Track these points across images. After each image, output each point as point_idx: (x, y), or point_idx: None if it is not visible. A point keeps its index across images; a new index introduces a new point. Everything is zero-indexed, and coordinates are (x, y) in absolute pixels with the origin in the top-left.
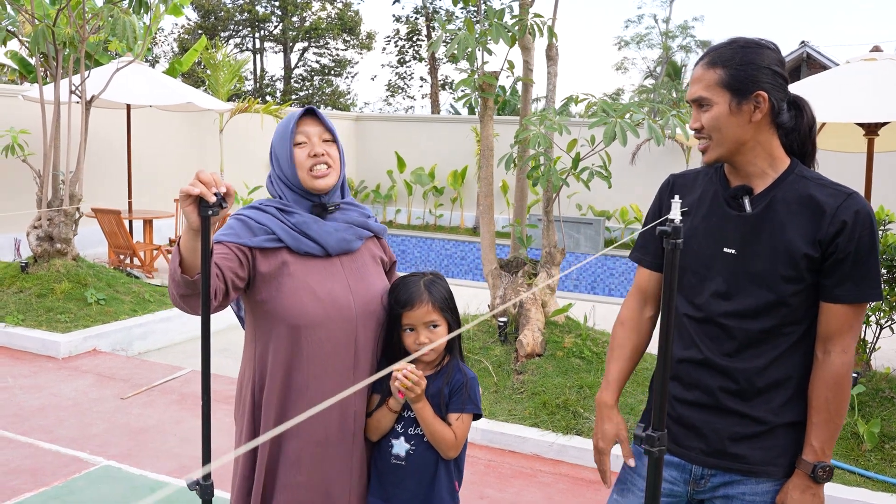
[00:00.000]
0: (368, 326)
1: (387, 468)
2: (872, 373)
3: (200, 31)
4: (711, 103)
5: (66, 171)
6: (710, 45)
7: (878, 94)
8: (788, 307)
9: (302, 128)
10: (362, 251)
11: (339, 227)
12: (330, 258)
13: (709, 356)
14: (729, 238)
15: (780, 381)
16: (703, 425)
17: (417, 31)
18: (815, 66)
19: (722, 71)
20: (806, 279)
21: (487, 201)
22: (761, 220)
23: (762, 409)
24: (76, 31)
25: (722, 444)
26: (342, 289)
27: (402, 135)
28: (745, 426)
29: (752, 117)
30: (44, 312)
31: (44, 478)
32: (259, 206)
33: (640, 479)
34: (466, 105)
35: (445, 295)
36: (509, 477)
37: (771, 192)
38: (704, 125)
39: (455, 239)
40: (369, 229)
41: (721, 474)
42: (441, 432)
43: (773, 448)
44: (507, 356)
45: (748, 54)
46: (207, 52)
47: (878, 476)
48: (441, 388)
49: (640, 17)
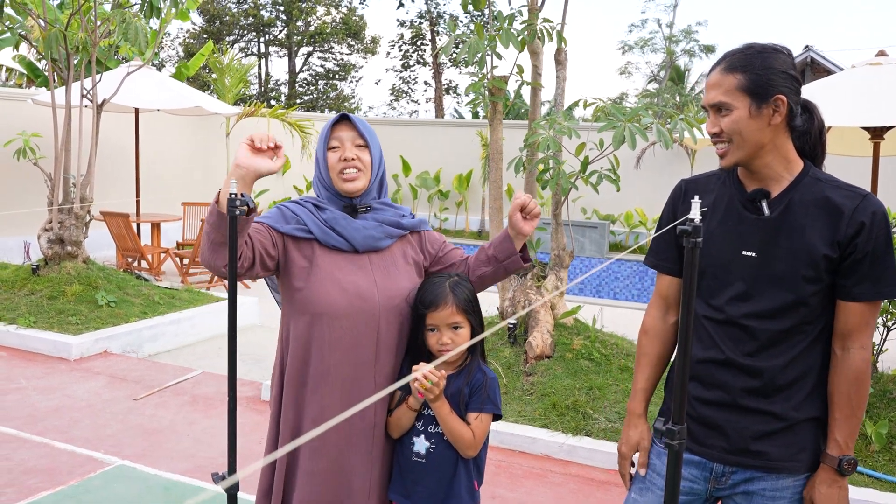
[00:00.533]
0: (391, 322)
1: (408, 465)
2: (880, 374)
3: (206, 35)
4: (731, 108)
5: (77, 174)
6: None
7: (884, 98)
8: (808, 307)
9: (336, 133)
10: (393, 250)
11: (367, 225)
12: (358, 254)
13: (731, 356)
14: (748, 241)
15: (800, 377)
16: (725, 424)
17: (422, 35)
18: (819, 70)
19: (741, 76)
20: (824, 279)
21: (496, 204)
22: (780, 223)
23: (783, 406)
24: (88, 35)
25: (744, 441)
26: (368, 283)
27: (408, 139)
28: (766, 423)
29: (772, 120)
30: (55, 314)
31: (60, 477)
32: (299, 201)
33: (659, 477)
34: (473, 110)
35: (469, 297)
36: (520, 477)
37: (788, 195)
38: (724, 129)
39: (460, 243)
40: (402, 227)
41: (742, 471)
42: (459, 431)
43: (794, 444)
44: (516, 358)
45: (766, 59)
46: (214, 57)
47: (886, 476)
48: (461, 387)
49: (643, 22)
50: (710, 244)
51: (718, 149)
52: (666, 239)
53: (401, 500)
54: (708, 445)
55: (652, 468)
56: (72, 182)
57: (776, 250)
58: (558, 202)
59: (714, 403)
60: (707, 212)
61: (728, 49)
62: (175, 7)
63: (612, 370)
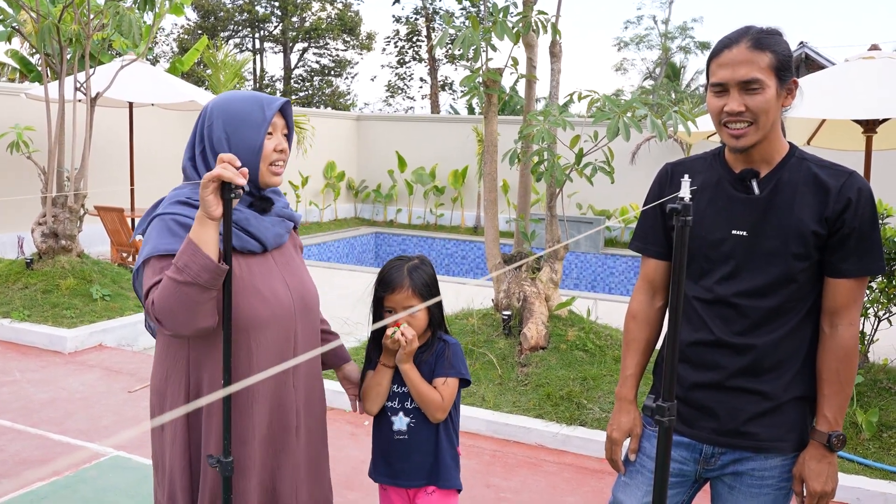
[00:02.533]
0: (306, 321)
1: (390, 445)
2: (870, 364)
3: (200, 31)
4: (764, 86)
5: (71, 167)
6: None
7: (877, 91)
8: (797, 283)
9: (273, 119)
10: (287, 244)
11: (273, 221)
12: (265, 254)
13: (721, 336)
14: (738, 220)
15: (789, 356)
16: (716, 405)
17: (417, 31)
18: (814, 66)
19: (771, 55)
20: (813, 256)
21: (491, 197)
22: (770, 202)
23: (773, 386)
24: (81, 28)
25: (735, 423)
26: (281, 285)
27: (403, 135)
28: (756, 404)
29: (785, 102)
30: (49, 308)
31: (55, 468)
32: (188, 202)
33: (648, 460)
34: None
35: (427, 280)
36: (514, 466)
37: (776, 174)
38: (752, 108)
39: (456, 238)
40: (293, 219)
41: (731, 452)
42: (428, 394)
43: (783, 424)
44: (511, 349)
45: (783, 42)
46: (209, 52)
47: (876, 464)
48: (426, 359)
49: (639, 19)
50: (699, 225)
51: (736, 129)
52: (652, 223)
53: (388, 481)
54: (698, 427)
55: (642, 451)
56: (65, 176)
57: (767, 228)
58: (553, 194)
59: (704, 386)
60: (696, 193)
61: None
62: (169, 1)
63: (605, 361)
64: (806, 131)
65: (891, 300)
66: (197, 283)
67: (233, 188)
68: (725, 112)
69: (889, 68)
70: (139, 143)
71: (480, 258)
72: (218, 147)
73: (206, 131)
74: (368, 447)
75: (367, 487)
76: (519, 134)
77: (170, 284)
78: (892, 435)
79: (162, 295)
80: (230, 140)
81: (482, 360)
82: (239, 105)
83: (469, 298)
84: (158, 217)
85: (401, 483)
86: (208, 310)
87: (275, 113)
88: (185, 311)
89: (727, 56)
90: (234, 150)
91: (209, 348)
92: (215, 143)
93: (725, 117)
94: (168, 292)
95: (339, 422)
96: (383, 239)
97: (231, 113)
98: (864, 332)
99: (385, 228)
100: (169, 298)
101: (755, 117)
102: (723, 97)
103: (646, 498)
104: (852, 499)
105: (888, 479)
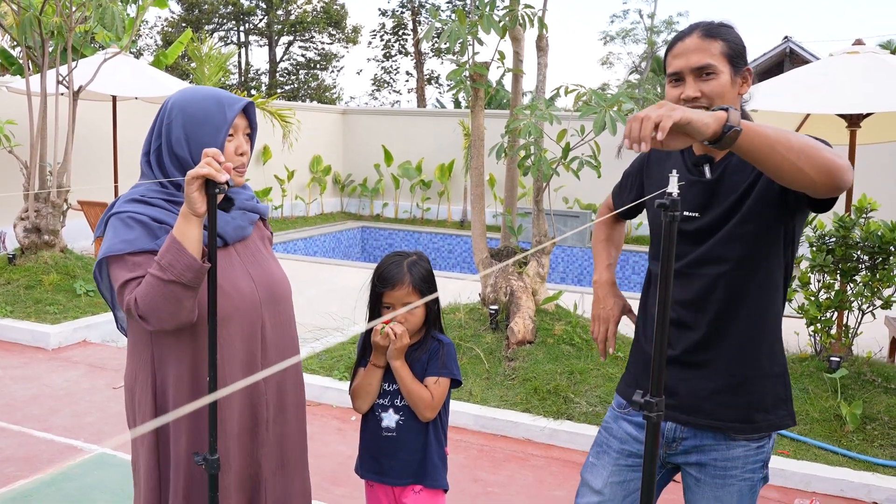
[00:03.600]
0: (274, 312)
1: (378, 442)
2: (854, 357)
3: (184, 24)
4: (718, 71)
5: (54, 162)
6: None
7: (861, 86)
8: (749, 258)
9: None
10: (253, 236)
11: (234, 214)
12: (227, 248)
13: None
14: (692, 202)
15: (745, 331)
16: (676, 383)
17: (403, 25)
18: (798, 60)
19: (723, 43)
20: (761, 232)
21: (478, 191)
22: (719, 184)
23: (728, 361)
24: (63, 21)
25: (695, 399)
26: (244, 278)
27: (390, 128)
28: (713, 379)
29: (740, 90)
30: (32, 304)
31: (39, 465)
32: (144, 200)
33: (615, 441)
34: (454, 99)
35: (425, 276)
36: (502, 461)
37: (727, 159)
38: (707, 93)
39: (442, 232)
40: (258, 211)
41: (693, 436)
42: (418, 392)
43: (746, 404)
44: (498, 343)
45: (734, 33)
46: (193, 45)
47: (859, 456)
48: (419, 356)
49: (625, 13)
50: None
51: None
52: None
53: (375, 478)
54: None
55: (608, 432)
56: (48, 170)
57: (716, 209)
58: (539, 188)
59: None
60: (662, 179)
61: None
62: None
63: (592, 355)
64: (790, 125)
65: (874, 294)
66: (181, 281)
67: (216, 183)
68: (682, 99)
69: (873, 63)
70: (123, 137)
71: (467, 252)
72: (177, 147)
73: (164, 129)
74: (356, 442)
75: (354, 483)
76: (506, 128)
77: (154, 282)
78: (875, 427)
79: (146, 292)
80: (189, 141)
81: (469, 355)
82: (199, 105)
83: (456, 293)
84: (114, 216)
85: (387, 481)
86: (190, 306)
87: (236, 115)
88: (169, 308)
89: (680, 47)
90: (194, 151)
91: (172, 346)
92: (174, 142)
93: (683, 104)
94: (152, 290)
95: (326, 417)
96: (370, 233)
97: (190, 113)
98: (849, 326)
99: (371, 223)
100: (153, 296)
101: (711, 102)
102: (679, 86)
103: (611, 478)
104: (836, 490)
105: (872, 471)
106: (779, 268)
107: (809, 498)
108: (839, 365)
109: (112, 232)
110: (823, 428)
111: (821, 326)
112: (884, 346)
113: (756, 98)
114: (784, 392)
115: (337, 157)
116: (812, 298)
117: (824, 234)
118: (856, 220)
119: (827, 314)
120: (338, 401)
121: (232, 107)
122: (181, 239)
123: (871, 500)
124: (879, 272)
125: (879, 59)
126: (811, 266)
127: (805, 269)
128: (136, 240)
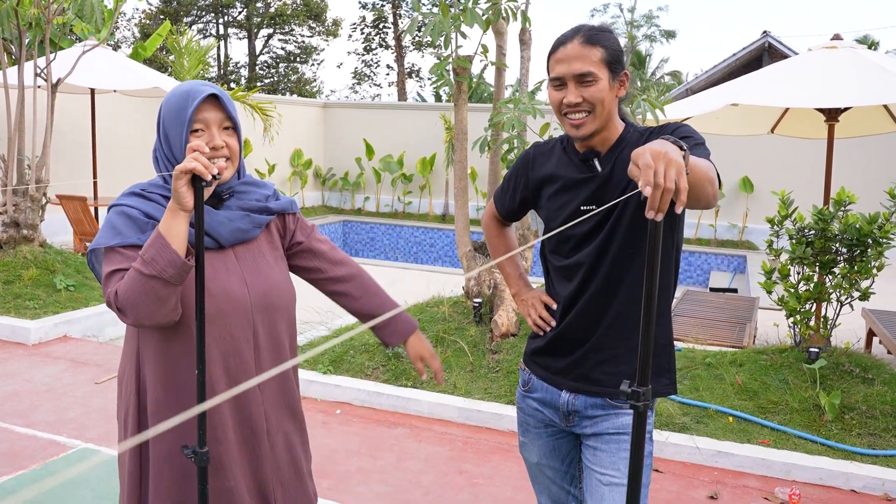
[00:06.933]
0: (268, 321)
1: None
2: (833, 348)
3: (162, 16)
4: (597, 78)
5: (32, 155)
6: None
7: (839, 81)
8: (632, 243)
9: (201, 114)
10: (260, 239)
11: (232, 216)
12: (224, 250)
13: (571, 290)
14: (586, 197)
15: (623, 308)
16: (566, 355)
17: (384, 18)
18: (777, 55)
19: (602, 50)
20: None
21: (461, 185)
22: (610, 177)
23: (606, 335)
24: (41, 12)
25: (582, 369)
26: (237, 282)
27: (371, 122)
28: (599, 352)
29: (618, 93)
30: (11, 299)
31: (21, 461)
32: (143, 193)
33: (530, 417)
34: (435, 93)
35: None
36: (487, 452)
37: (614, 152)
38: (588, 99)
39: (424, 226)
40: (270, 212)
41: (584, 405)
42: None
43: (628, 373)
44: (482, 336)
45: (613, 38)
46: (171, 38)
47: (838, 445)
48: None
49: (605, 7)
50: (555, 201)
51: (575, 119)
52: (512, 197)
53: None
54: (553, 371)
55: (522, 411)
56: (26, 164)
57: (609, 200)
58: None
59: (563, 336)
60: (553, 176)
61: (566, 30)
62: None
63: None
64: (769, 120)
65: (852, 286)
66: (162, 277)
67: (203, 178)
68: (565, 104)
69: (851, 58)
70: (101, 130)
71: (449, 246)
72: (164, 143)
73: (157, 126)
74: (341, 435)
75: (341, 475)
76: (489, 122)
77: (136, 276)
78: (853, 416)
79: (127, 286)
80: (167, 136)
81: (453, 348)
82: (173, 100)
83: (440, 286)
84: (112, 207)
85: None
86: (172, 304)
87: (194, 111)
88: (149, 304)
89: (563, 52)
90: (170, 146)
91: (151, 341)
92: (161, 139)
93: (565, 108)
94: (133, 284)
95: (311, 411)
96: (351, 227)
97: (167, 110)
98: (827, 317)
99: (353, 217)
100: (134, 290)
101: (591, 107)
102: (562, 90)
103: (542, 449)
104: (815, 479)
105: (850, 460)
106: (671, 248)
107: (790, 486)
108: (818, 356)
109: (105, 223)
110: (803, 418)
111: (800, 318)
112: (861, 338)
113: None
114: (667, 363)
115: (318, 151)
116: (791, 290)
117: (804, 226)
118: (834, 213)
119: (806, 306)
120: (322, 394)
121: (193, 102)
122: (166, 234)
123: (849, 487)
124: (857, 264)
125: (857, 55)
126: (790, 258)
127: (784, 262)
128: (124, 233)
